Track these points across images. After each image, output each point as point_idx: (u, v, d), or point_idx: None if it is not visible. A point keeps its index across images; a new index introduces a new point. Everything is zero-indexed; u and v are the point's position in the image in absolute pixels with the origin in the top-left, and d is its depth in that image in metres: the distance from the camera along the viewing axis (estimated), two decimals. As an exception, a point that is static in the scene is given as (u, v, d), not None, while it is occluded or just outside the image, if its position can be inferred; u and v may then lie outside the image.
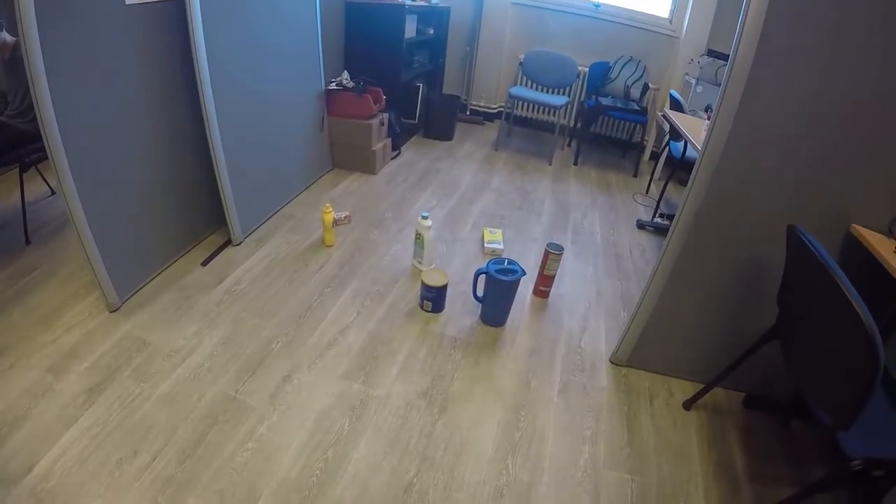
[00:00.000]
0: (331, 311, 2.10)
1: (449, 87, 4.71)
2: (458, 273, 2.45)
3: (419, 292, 2.18)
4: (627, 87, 4.06)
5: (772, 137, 1.47)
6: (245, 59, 2.32)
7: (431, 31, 4.03)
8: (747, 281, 1.73)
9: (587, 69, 4.15)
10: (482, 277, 2.10)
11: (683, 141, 3.11)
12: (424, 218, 2.32)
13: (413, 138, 4.14)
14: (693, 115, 3.27)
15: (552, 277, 2.36)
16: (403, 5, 3.42)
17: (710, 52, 3.93)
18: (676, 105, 3.23)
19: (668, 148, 3.67)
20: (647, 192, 3.87)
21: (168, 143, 2.11)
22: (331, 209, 2.46)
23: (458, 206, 3.12)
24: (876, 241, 1.45)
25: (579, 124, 4.24)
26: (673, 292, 1.79)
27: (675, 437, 1.73)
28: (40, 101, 1.52)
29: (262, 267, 2.33)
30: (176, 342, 1.85)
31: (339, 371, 1.81)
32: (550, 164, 4.03)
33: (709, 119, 2.76)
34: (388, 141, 3.49)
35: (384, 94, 3.30)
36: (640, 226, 3.30)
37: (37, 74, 1.49)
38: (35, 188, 2.76)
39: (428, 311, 2.16)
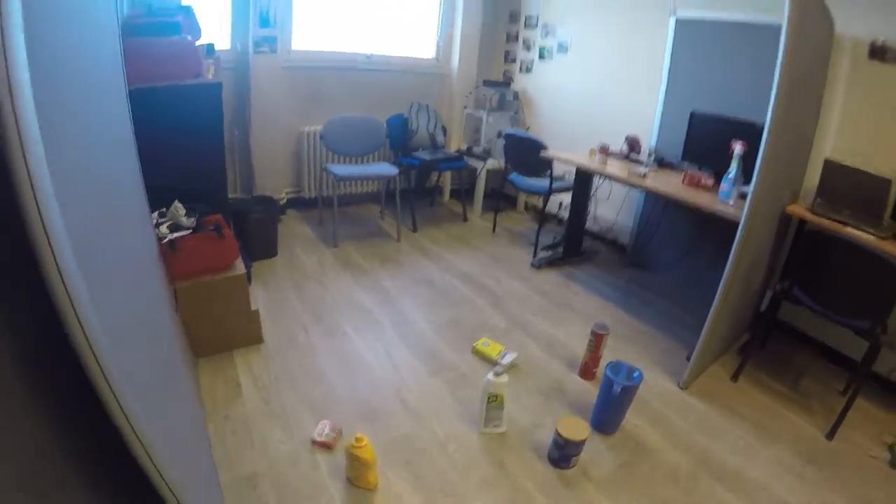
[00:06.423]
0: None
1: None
2: (528, 410, 1.94)
3: (560, 453, 1.67)
4: (431, 134, 3.91)
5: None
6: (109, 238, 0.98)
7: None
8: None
9: (385, 126, 3.76)
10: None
11: (550, 173, 3.16)
12: (498, 375, 1.67)
13: (234, 266, 2.91)
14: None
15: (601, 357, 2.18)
16: (219, 84, 2.27)
17: (486, 83, 4.14)
18: (528, 142, 3.24)
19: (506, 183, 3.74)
20: (493, 231, 3.86)
21: None
22: (364, 439, 1.47)
23: (406, 336, 2.38)
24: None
25: (409, 186, 3.76)
26: (726, 301, 2.02)
27: (760, 404, 2.12)
28: None
29: None
30: None
31: None
32: (398, 241, 3.53)
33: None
34: (250, 286, 2.36)
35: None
36: (538, 266, 3.29)
37: None
38: None
39: (575, 466, 1.69)
